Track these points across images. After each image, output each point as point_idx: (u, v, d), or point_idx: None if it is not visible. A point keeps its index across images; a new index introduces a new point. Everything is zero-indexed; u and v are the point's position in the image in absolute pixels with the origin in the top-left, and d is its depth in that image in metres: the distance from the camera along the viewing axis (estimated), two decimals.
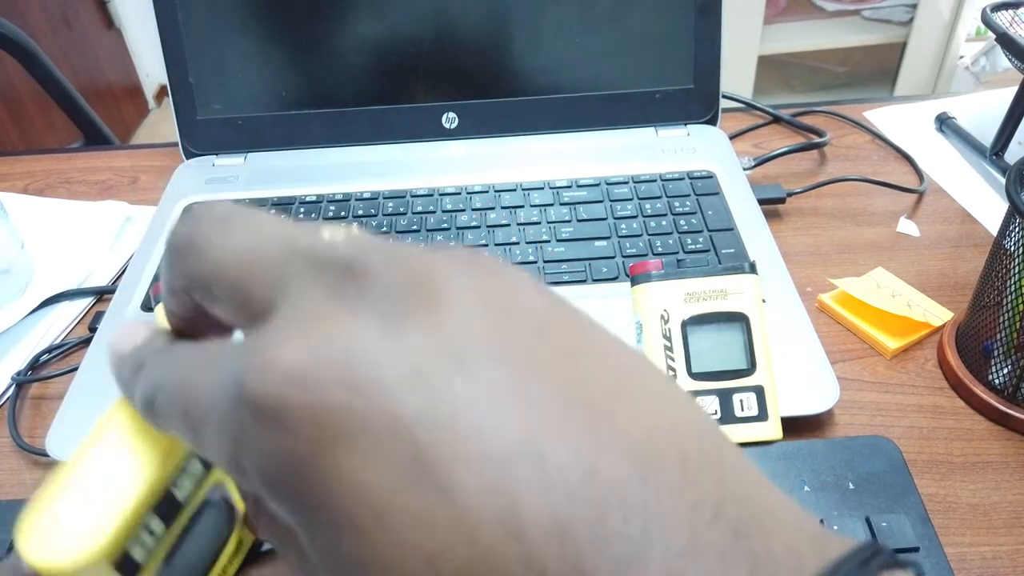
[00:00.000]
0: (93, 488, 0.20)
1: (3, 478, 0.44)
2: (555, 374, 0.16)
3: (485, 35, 0.63)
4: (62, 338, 0.53)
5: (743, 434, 0.40)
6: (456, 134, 0.66)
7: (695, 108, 0.65)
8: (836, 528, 0.36)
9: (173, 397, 0.18)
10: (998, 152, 0.64)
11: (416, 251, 0.17)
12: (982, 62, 1.74)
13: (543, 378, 0.16)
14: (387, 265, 0.17)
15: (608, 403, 0.16)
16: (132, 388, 0.20)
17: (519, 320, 0.17)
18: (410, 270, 0.17)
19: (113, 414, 0.22)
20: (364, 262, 0.17)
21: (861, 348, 0.49)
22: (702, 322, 0.40)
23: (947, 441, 0.43)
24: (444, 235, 0.55)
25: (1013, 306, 0.41)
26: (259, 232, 0.18)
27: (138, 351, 0.21)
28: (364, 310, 0.16)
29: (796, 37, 1.84)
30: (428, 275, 0.17)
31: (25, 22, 1.81)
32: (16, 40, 0.93)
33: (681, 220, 0.55)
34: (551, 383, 0.16)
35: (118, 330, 0.22)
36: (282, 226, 0.19)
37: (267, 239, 0.18)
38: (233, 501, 0.24)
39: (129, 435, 0.22)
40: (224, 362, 0.17)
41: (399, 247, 0.17)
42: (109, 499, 0.20)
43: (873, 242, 0.57)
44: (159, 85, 2.42)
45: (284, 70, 0.64)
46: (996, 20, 0.61)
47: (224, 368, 0.17)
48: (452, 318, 0.16)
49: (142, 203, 0.66)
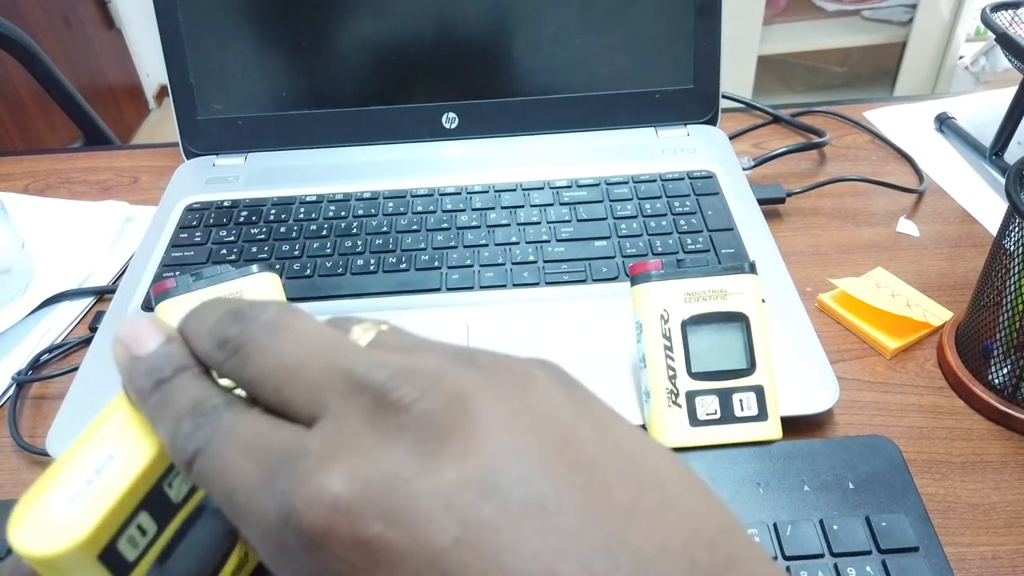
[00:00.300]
0: (82, 480, 0.21)
1: (3, 478, 0.44)
2: (575, 496, 0.17)
3: (485, 35, 0.63)
4: (62, 338, 0.53)
5: (742, 434, 0.40)
6: (456, 134, 0.66)
7: (695, 108, 0.65)
8: (836, 528, 0.36)
9: (219, 477, 0.19)
10: (998, 152, 0.64)
11: (447, 372, 0.19)
12: (982, 62, 1.74)
13: (564, 499, 0.17)
14: (420, 394, 0.18)
15: (622, 519, 0.17)
16: (145, 398, 0.21)
17: (544, 439, 0.18)
18: (441, 398, 0.18)
19: (111, 409, 0.22)
20: (398, 391, 0.18)
21: (861, 348, 0.49)
22: (702, 322, 0.40)
23: (947, 441, 0.43)
24: (444, 235, 0.55)
25: (1013, 306, 0.41)
26: (302, 347, 0.20)
27: (156, 361, 0.21)
28: (400, 440, 0.18)
29: (796, 37, 1.84)
30: (459, 402, 0.18)
31: (25, 22, 1.81)
32: (16, 40, 0.93)
33: (681, 220, 0.55)
34: (571, 503, 0.17)
35: (128, 329, 0.22)
36: (324, 340, 0.20)
37: (310, 354, 0.20)
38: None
39: (124, 430, 0.22)
40: (276, 471, 0.18)
41: (431, 370, 0.19)
42: (97, 491, 0.20)
43: (873, 242, 0.57)
44: (159, 85, 2.42)
45: (284, 70, 0.64)
46: (996, 20, 0.61)
47: (274, 479, 0.18)
48: (481, 447, 0.18)
49: (142, 203, 0.66)
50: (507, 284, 0.51)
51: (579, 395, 0.20)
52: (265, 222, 0.58)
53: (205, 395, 0.20)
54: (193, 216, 0.59)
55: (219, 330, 0.21)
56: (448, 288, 0.51)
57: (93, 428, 0.22)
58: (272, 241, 0.56)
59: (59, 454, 0.42)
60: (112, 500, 0.20)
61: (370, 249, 0.55)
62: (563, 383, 0.20)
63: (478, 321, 0.49)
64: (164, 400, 0.21)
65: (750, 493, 0.38)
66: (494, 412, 0.18)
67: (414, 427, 0.18)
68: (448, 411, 0.18)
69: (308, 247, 0.55)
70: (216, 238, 0.57)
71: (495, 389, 0.19)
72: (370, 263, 0.54)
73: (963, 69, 1.83)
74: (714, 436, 0.40)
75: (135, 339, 0.22)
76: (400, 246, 0.55)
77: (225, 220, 0.58)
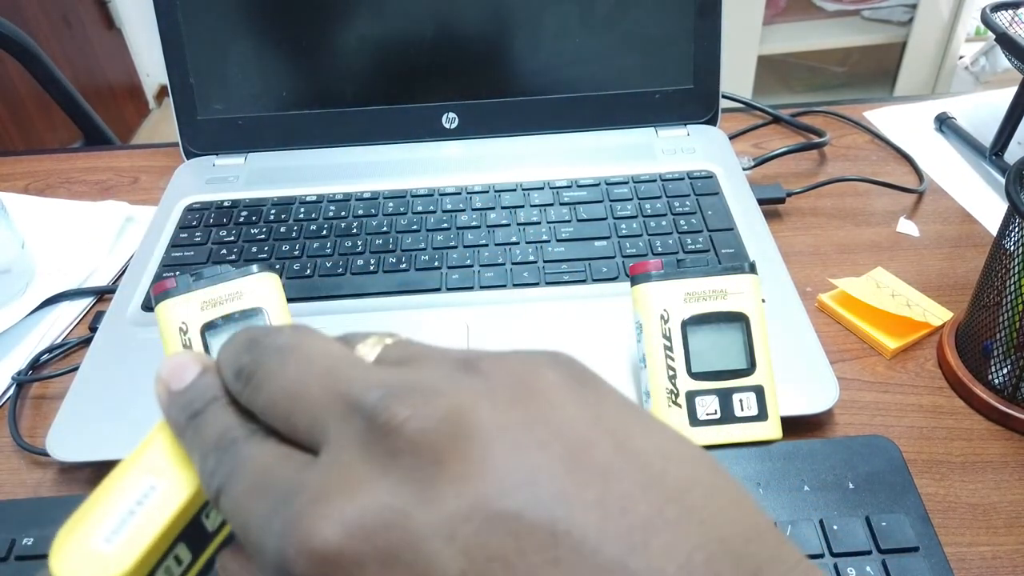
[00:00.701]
0: (124, 511, 0.21)
1: (3, 478, 0.44)
2: (588, 514, 0.16)
3: (485, 35, 0.63)
4: (62, 338, 0.53)
5: (743, 434, 0.40)
6: (456, 134, 0.66)
7: (695, 108, 0.65)
8: (836, 528, 0.36)
9: (233, 515, 0.19)
10: (998, 152, 0.64)
11: (444, 385, 0.18)
12: (982, 62, 1.74)
13: (576, 519, 0.16)
14: (412, 412, 0.17)
15: (641, 535, 0.16)
16: (182, 432, 0.21)
17: (553, 453, 0.17)
18: (437, 415, 0.17)
19: (155, 436, 0.22)
20: (388, 411, 0.17)
21: (861, 348, 0.49)
22: (702, 322, 0.40)
23: (947, 441, 0.43)
24: (444, 235, 0.55)
25: (1013, 306, 0.41)
26: (309, 370, 0.19)
27: (190, 394, 0.21)
28: (394, 468, 0.17)
29: (796, 37, 1.84)
30: (455, 419, 0.17)
31: (26, 22, 1.81)
32: (17, 40, 0.93)
33: (681, 220, 0.55)
34: (584, 522, 0.16)
35: (168, 363, 0.22)
36: (330, 361, 0.20)
37: (314, 377, 0.19)
38: None
39: (167, 460, 0.22)
40: (274, 511, 0.17)
41: (427, 384, 0.18)
42: (139, 523, 0.20)
43: (873, 242, 0.57)
44: (159, 85, 2.42)
45: (284, 70, 0.64)
46: (996, 20, 0.61)
47: (271, 520, 0.17)
48: (483, 469, 0.16)
49: (142, 203, 0.66)
50: (507, 284, 0.51)
51: (594, 393, 0.19)
52: (265, 222, 0.58)
53: (227, 427, 0.20)
54: (193, 216, 0.59)
55: (237, 358, 0.21)
56: (448, 288, 0.51)
57: (137, 454, 0.22)
58: (272, 241, 0.56)
59: (59, 454, 0.42)
60: (154, 534, 0.20)
61: (370, 249, 0.55)
62: (576, 380, 0.19)
63: (478, 321, 0.49)
64: (196, 434, 0.20)
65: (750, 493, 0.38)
66: (495, 427, 0.17)
67: (408, 452, 0.17)
68: (444, 430, 0.17)
69: (308, 247, 0.55)
70: (216, 238, 0.57)
71: (497, 398, 0.17)
72: (370, 263, 0.54)
73: (963, 69, 1.83)
74: (714, 436, 0.40)
75: (173, 374, 0.22)
76: (400, 246, 0.55)
77: (225, 220, 0.58)
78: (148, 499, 0.21)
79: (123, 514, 0.20)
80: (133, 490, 0.21)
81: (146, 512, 0.20)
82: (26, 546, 0.36)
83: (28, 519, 0.38)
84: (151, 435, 0.22)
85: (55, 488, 0.43)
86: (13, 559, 0.36)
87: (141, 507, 0.21)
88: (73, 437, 0.43)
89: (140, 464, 0.21)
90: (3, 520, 0.38)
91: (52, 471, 0.44)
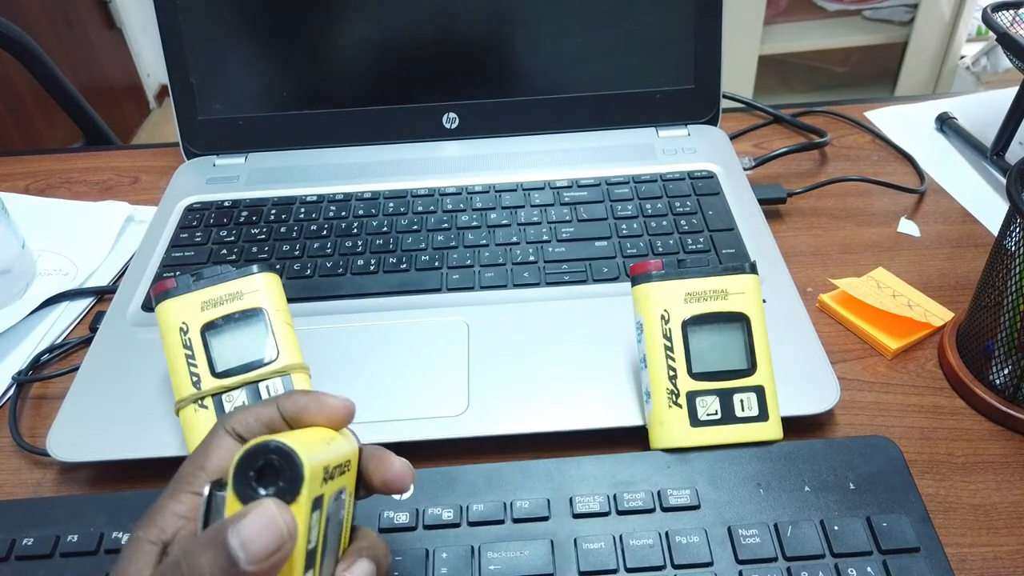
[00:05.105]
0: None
1: (3, 478, 0.44)
2: None
3: (486, 35, 0.63)
4: (63, 338, 0.53)
5: (743, 434, 0.40)
6: (457, 134, 0.66)
7: (695, 108, 0.65)
8: (837, 528, 0.36)
9: None
10: (999, 152, 0.64)
11: None
12: (983, 62, 1.74)
13: None
14: None
15: None
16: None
17: None
18: None
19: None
20: None
21: (861, 348, 0.49)
22: (702, 322, 0.40)
23: (948, 441, 0.43)
24: (444, 235, 0.55)
25: (1014, 306, 0.41)
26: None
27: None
28: None
29: (796, 37, 1.84)
30: None
31: (26, 22, 1.81)
32: (17, 40, 0.93)
33: (681, 220, 0.55)
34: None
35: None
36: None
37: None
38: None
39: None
40: None
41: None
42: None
43: (873, 242, 0.57)
44: (160, 85, 2.42)
45: (285, 70, 0.64)
46: (997, 20, 0.61)
47: None
48: None
49: (143, 203, 0.66)
50: (507, 284, 0.51)
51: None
52: (265, 222, 0.58)
53: None
54: (193, 216, 0.59)
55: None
56: (448, 288, 0.51)
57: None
58: (272, 241, 0.56)
59: (59, 454, 0.42)
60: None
61: (370, 249, 0.55)
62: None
63: (478, 321, 0.49)
64: None
65: (751, 493, 0.38)
66: None
67: None
68: None
69: (308, 247, 0.55)
70: (216, 238, 0.57)
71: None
72: (370, 263, 0.54)
73: (964, 69, 1.83)
74: (715, 436, 0.40)
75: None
76: (400, 246, 0.55)
77: (225, 220, 0.58)
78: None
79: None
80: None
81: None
82: (26, 546, 0.36)
83: (28, 519, 0.38)
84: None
85: (55, 488, 0.43)
86: (13, 559, 0.36)
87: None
88: (73, 437, 0.43)
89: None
90: (3, 520, 0.38)
91: (52, 471, 0.44)
